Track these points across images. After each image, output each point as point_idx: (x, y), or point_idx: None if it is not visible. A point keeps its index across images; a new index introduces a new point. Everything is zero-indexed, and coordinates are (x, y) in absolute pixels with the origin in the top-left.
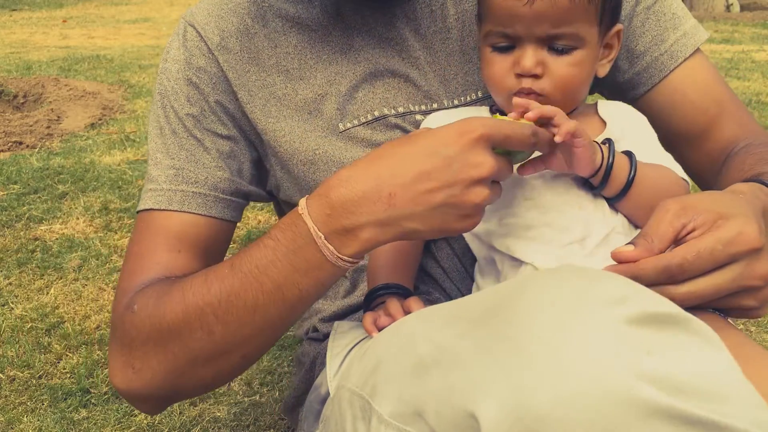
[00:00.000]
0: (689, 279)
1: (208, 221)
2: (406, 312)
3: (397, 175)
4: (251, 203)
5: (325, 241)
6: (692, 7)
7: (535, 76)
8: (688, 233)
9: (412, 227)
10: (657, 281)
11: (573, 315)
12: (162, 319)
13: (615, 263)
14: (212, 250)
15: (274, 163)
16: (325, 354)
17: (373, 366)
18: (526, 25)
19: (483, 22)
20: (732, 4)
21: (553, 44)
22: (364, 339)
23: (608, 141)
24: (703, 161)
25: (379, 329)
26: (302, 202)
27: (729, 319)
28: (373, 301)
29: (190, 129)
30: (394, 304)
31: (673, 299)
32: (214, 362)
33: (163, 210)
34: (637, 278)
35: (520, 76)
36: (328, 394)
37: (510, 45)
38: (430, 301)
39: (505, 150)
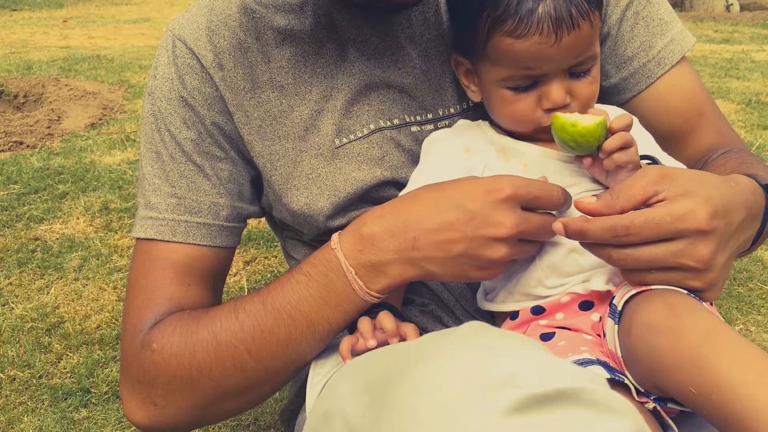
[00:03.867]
0: (631, 245)
1: (213, 251)
2: (379, 329)
3: (422, 220)
4: None
5: (355, 276)
6: (692, 7)
7: (565, 106)
8: (658, 201)
9: (433, 270)
10: (601, 239)
11: (454, 408)
12: (192, 358)
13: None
14: (218, 277)
15: (266, 186)
16: None
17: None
18: (554, 62)
19: (493, 66)
20: (732, 4)
21: (576, 71)
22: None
23: (652, 159)
24: None
25: (360, 353)
26: (335, 237)
27: (706, 304)
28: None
29: (189, 154)
30: (365, 324)
31: (609, 258)
32: (244, 395)
33: (167, 241)
34: (583, 234)
35: (550, 110)
36: None
37: (533, 83)
38: (426, 313)
39: (572, 147)
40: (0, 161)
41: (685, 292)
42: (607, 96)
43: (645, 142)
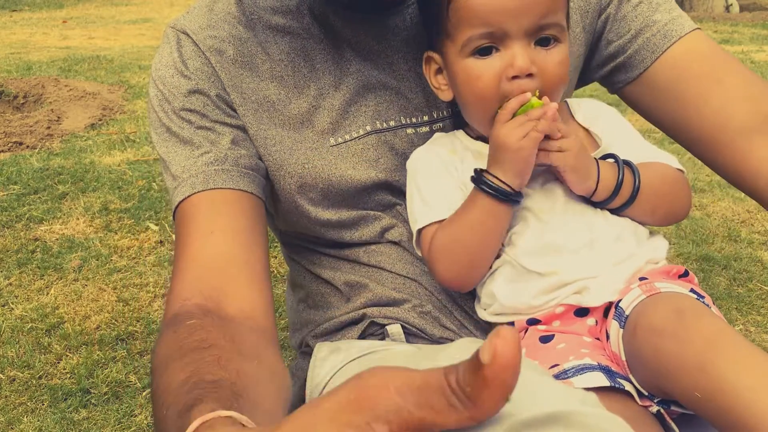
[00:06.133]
0: None
1: (236, 195)
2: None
3: None
4: None
5: None
6: (692, 8)
7: (530, 76)
8: None
9: None
10: None
11: None
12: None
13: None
14: (247, 226)
15: None
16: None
17: None
18: (515, 18)
19: (457, 32)
20: (731, 5)
21: (540, 36)
22: (345, 364)
23: (615, 158)
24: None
25: None
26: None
27: (714, 308)
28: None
29: (196, 123)
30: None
31: None
32: None
33: (189, 196)
34: None
35: (515, 78)
36: None
37: (493, 47)
38: (423, 314)
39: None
40: (0, 161)
41: (694, 296)
42: (617, 76)
43: (628, 135)
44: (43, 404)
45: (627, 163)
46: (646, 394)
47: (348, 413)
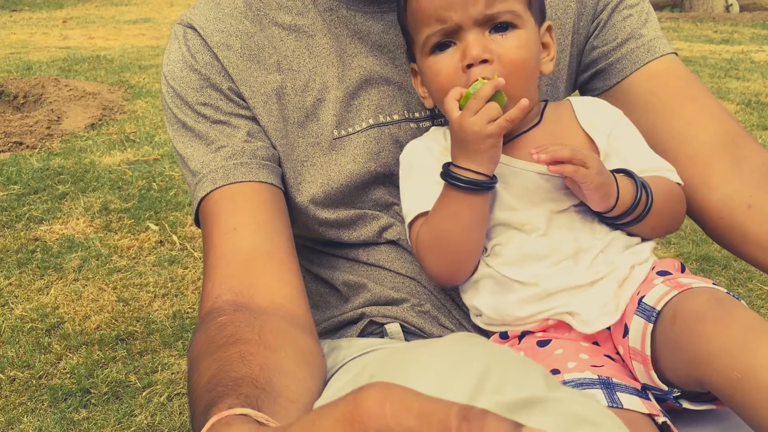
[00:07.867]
0: None
1: (256, 187)
2: None
3: None
4: None
5: None
6: (692, 8)
7: (485, 62)
8: None
9: None
10: None
11: None
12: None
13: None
14: (269, 218)
15: None
16: None
17: None
18: (463, 9)
19: (417, 34)
20: (731, 5)
21: (493, 23)
22: (344, 363)
23: (632, 176)
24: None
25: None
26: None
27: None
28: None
29: (212, 117)
30: None
31: None
32: None
33: (210, 192)
34: None
35: (470, 66)
36: None
37: (451, 42)
38: (422, 314)
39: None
40: (0, 161)
41: (724, 290)
42: (595, 83)
43: (633, 141)
44: (43, 404)
45: (642, 183)
46: (665, 389)
47: (342, 426)
